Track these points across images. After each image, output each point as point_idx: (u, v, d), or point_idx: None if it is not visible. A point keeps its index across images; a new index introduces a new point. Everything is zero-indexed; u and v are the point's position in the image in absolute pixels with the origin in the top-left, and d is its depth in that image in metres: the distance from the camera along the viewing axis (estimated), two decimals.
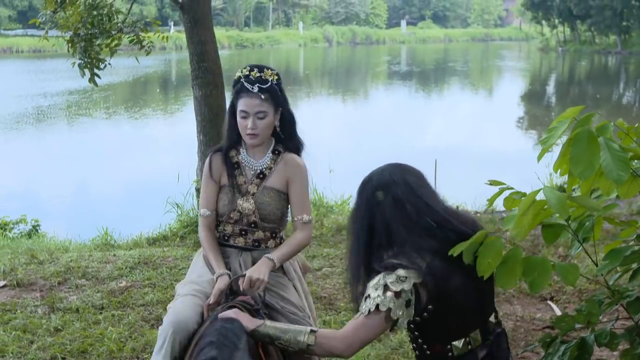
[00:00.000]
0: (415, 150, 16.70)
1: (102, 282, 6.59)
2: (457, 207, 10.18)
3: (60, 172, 15.90)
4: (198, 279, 3.36)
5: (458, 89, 39.54)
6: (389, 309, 2.42)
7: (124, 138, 20.79)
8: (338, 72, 52.14)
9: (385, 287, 2.43)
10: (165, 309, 5.84)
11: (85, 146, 18.99)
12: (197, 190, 8.49)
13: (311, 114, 23.72)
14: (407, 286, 2.43)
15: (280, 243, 3.51)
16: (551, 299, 6.26)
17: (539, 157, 2.69)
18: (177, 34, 53.34)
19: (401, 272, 2.45)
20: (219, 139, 8.21)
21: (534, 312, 5.97)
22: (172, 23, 70.33)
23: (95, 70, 8.16)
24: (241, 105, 3.33)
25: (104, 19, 7.80)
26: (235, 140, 3.48)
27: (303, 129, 3.64)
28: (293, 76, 45.82)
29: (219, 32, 45.35)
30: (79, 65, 8.07)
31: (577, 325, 2.85)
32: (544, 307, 6.10)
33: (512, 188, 2.68)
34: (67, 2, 7.86)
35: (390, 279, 2.44)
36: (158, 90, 33.25)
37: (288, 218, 3.62)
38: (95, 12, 7.77)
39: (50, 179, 15.32)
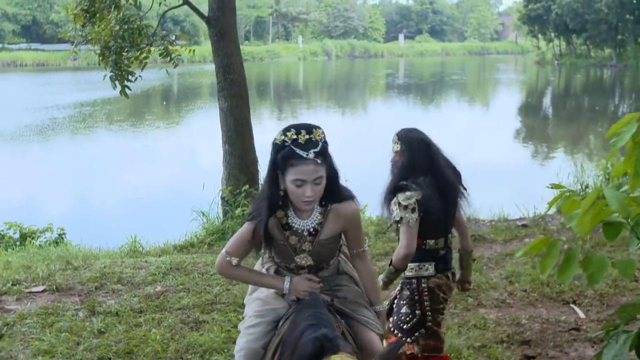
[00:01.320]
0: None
1: (137, 287, 6.73)
2: (470, 217, 10.37)
3: (77, 183, 16.03)
4: (263, 294, 3.45)
5: (455, 102, 39.75)
6: (402, 217, 3.91)
7: (137, 149, 20.94)
8: (337, 85, 52.36)
9: (399, 204, 3.92)
10: (202, 312, 6.04)
11: (99, 157, 19.12)
12: (222, 198, 8.64)
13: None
14: (412, 201, 3.91)
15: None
16: (574, 302, 6.39)
17: (609, 157, 2.86)
18: (177, 48, 53.72)
19: (408, 193, 3.93)
20: (244, 149, 8.45)
21: (558, 315, 6.10)
22: (174, 37, 70.79)
23: (125, 82, 8.27)
24: (296, 173, 3.08)
25: (134, 32, 7.94)
26: (278, 204, 3.24)
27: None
28: (293, 89, 46.04)
29: None
30: (110, 77, 8.21)
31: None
32: (567, 311, 6.23)
33: (573, 192, 2.82)
34: (97, 16, 7.97)
35: (401, 197, 3.93)
36: (164, 103, 33.42)
37: None
38: (125, 26, 7.91)
39: (69, 189, 15.46)
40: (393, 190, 3.98)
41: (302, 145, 3.07)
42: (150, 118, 28.79)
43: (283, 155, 3.10)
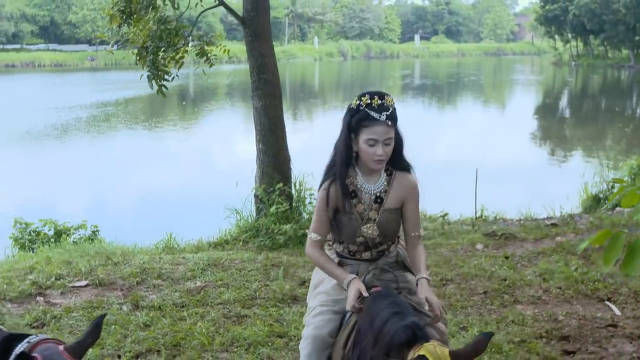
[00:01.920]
0: (434, 162, 17.03)
1: (177, 282, 6.85)
2: (497, 216, 10.44)
3: (107, 181, 16.22)
4: (325, 287, 3.55)
5: (472, 102, 39.74)
6: None
7: (164, 148, 21.14)
8: (353, 85, 52.42)
9: None
10: (243, 307, 6.16)
11: (126, 156, 19.32)
12: (256, 196, 8.75)
13: (326, 126, 23.98)
14: None
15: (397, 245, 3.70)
16: (608, 299, 6.46)
17: None
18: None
19: None
20: (277, 148, 8.56)
21: (594, 311, 6.16)
22: (190, 38, 71.11)
23: (162, 82, 8.39)
24: (368, 133, 3.32)
25: (172, 33, 8.06)
26: (349, 166, 3.47)
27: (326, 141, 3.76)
28: (309, 90, 46.16)
29: (236, 47, 45.78)
30: (148, 77, 8.34)
31: None
32: (603, 308, 6.29)
33: (635, 186, 2.91)
34: (135, 17, 8.10)
35: None
36: (184, 103, 33.68)
37: None
38: (163, 27, 8.04)
39: (98, 187, 15.64)
40: None
41: (375, 109, 3.33)
42: (173, 118, 29.05)
43: (357, 118, 3.36)
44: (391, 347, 2.78)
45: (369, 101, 3.34)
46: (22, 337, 2.74)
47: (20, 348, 2.60)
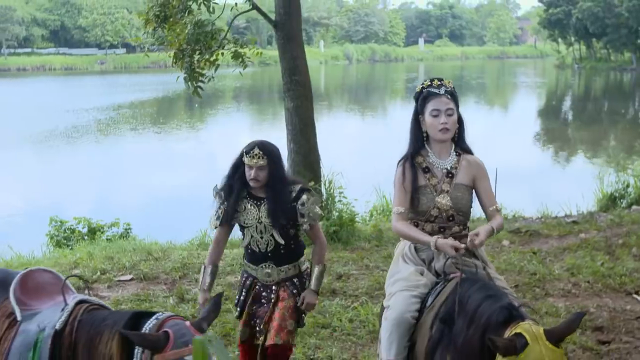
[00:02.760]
0: None
1: (218, 276, 6.98)
2: (515, 215, 10.58)
3: (133, 180, 16.41)
4: (403, 274, 3.71)
5: (475, 105, 39.82)
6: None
7: (185, 149, 21.34)
8: (358, 88, 52.56)
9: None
10: None
11: (150, 156, 19.47)
12: None
13: (333, 128, 24.19)
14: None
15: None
16: (636, 292, 6.61)
17: None
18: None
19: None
20: (308, 147, 8.72)
21: (623, 304, 6.32)
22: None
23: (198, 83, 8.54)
24: (432, 105, 3.74)
25: (208, 36, 8.22)
26: (421, 145, 3.84)
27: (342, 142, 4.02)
28: (314, 92, 46.16)
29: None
30: (184, 78, 8.50)
31: None
32: (631, 300, 6.44)
33: None
34: (171, 21, 8.27)
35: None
36: (197, 105, 33.84)
37: None
38: (199, 30, 8.20)
39: (126, 186, 15.84)
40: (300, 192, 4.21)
41: (434, 87, 3.80)
42: (189, 119, 29.28)
43: (422, 98, 3.82)
44: (488, 327, 2.94)
45: (429, 83, 3.84)
46: (147, 314, 2.92)
47: (149, 324, 2.77)
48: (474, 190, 3.83)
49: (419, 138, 3.84)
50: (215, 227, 4.37)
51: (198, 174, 16.90)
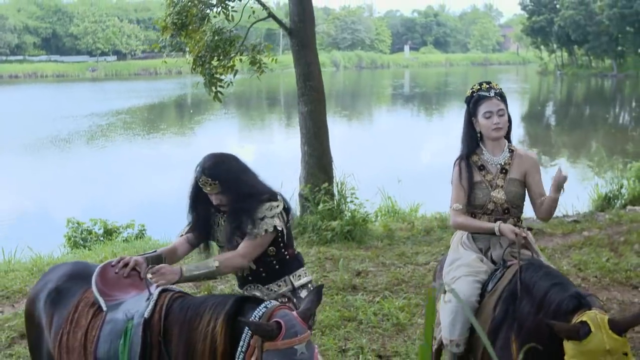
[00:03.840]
0: (429, 166, 17.49)
1: (227, 281, 7.15)
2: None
3: (140, 182, 16.50)
4: (465, 261, 3.89)
5: (459, 110, 40.07)
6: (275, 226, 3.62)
7: (190, 152, 21.41)
8: (345, 94, 52.73)
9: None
10: None
11: (156, 159, 19.55)
12: (301, 195, 9.07)
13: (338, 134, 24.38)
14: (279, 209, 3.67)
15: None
16: None
17: None
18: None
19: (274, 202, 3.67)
20: (321, 150, 8.89)
21: (631, 297, 6.54)
22: (187, 49, 71.36)
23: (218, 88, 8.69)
24: (484, 108, 3.93)
25: (226, 43, 8.38)
26: (476, 145, 4.03)
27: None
28: None
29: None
30: (204, 84, 8.66)
31: None
32: (638, 294, 6.66)
33: None
34: (190, 28, 8.43)
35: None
36: (191, 111, 33.99)
37: None
38: (218, 37, 8.36)
39: (134, 188, 15.94)
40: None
41: (484, 90, 3.98)
42: (190, 125, 29.40)
43: (473, 101, 4.00)
44: (557, 313, 3.10)
45: (478, 87, 4.01)
46: (251, 300, 3.06)
47: (259, 312, 2.91)
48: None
49: (474, 138, 4.03)
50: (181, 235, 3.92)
51: None
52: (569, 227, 9.18)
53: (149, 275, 3.37)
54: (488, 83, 4.01)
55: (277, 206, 3.67)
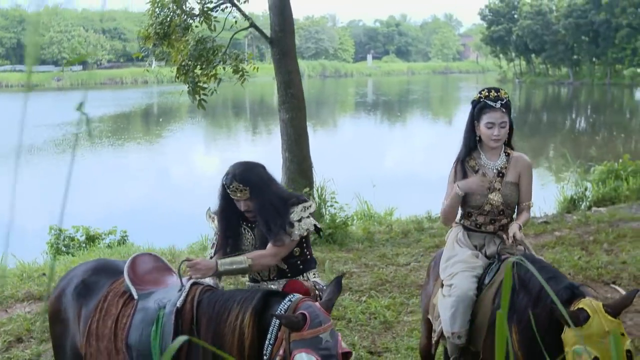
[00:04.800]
0: (399, 172, 17.77)
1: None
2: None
3: (121, 190, 16.43)
4: (461, 257, 4.03)
5: (421, 117, 40.59)
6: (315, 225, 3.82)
7: (169, 159, 21.40)
8: (310, 102, 52.72)
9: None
10: None
11: (136, 166, 19.48)
12: None
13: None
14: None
15: None
16: (613, 282, 7.08)
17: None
18: (157, 68, 53.98)
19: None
20: (302, 156, 9.02)
21: (604, 293, 6.77)
22: (153, 58, 71.00)
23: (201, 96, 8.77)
24: (487, 118, 3.99)
25: (209, 52, 8.47)
26: (473, 148, 4.13)
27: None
28: (267, 107, 46.55)
29: None
30: (188, 92, 8.73)
31: None
32: (610, 289, 6.91)
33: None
34: (173, 38, 8.50)
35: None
36: (160, 120, 33.88)
37: None
38: (201, 47, 8.45)
39: (114, 196, 15.89)
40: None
41: (491, 99, 3.99)
42: (165, 134, 29.33)
43: (479, 107, 4.02)
44: (554, 305, 3.27)
45: (487, 94, 4.03)
46: (276, 294, 3.19)
47: (285, 305, 3.04)
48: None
49: (473, 141, 4.12)
50: (210, 257, 3.88)
51: (177, 182, 17.04)
52: (540, 227, 9.43)
53: (186, 268, 3.47)
54: (497, 91, 4.03)
55: (311, 206, 3.81)
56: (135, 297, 3.43)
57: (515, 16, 72.41)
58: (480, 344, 3.78)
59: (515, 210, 4.17)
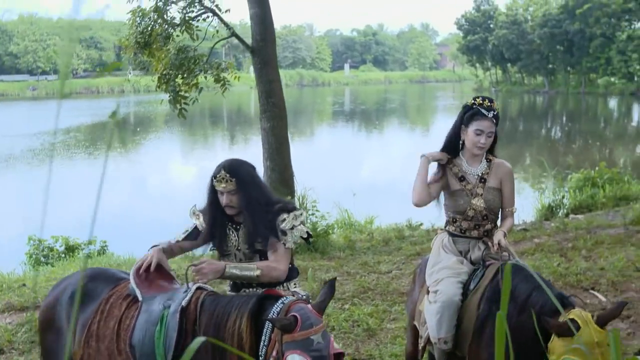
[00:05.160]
0: (378, 180, 17.89)
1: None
2: None
3: (101, 199, 16.25)
4: (446, 263, 4.09)
5: (398, 126, 40.81)
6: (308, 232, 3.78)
7: (148, 168, 21.28)
8: (287, 112, 52.73)
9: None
10: None
11: (115, 176, 19.33)
12: None
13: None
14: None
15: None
16: (592, 288, 7.18)
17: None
18: (134, 77, 53.72)
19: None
20: (283, 164, 9.05)
21: (584, 298, 6.84)
22: (131, 67, 70.57)
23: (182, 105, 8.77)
24: (477, 125, 4.08)
25: (190, 61, 8.49)
26: (454, 152, 4.21)
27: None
28: (244, 116, 46.59)
29: None
30: (169, 101, 8.73)
31: None
32: (589, 295, 7.00)
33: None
34: (154, 47, 8.50)
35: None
36: (138, 129, 33.74)
37: None
38: (182, 56, 8.47)
39: (89, 205, 15.71)
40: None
41: (485, 108, 4.09)
42: (144, 142, 29.24)
43: (471, 113, 4.11)
44: (542, 314, 3.32)
45: (481, 102, 4.13)
46: (271, 298, 3.22)
47: (277, 307, 3.07)
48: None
49: (455, 145, 4.20)
50: (177, 242, 3.85)
51: (155, 191, 16.94)
52: (519, 235, 9.53)
53: (192, 273, 3.49)
54: (491, 101, 4.15)
55: (302, 214, 3.75)
56: (140, 299, 3.46)
57: (491, 26, 73.15)
58: (466, 349, 3.83)
59: (499, 216, 4.23)
